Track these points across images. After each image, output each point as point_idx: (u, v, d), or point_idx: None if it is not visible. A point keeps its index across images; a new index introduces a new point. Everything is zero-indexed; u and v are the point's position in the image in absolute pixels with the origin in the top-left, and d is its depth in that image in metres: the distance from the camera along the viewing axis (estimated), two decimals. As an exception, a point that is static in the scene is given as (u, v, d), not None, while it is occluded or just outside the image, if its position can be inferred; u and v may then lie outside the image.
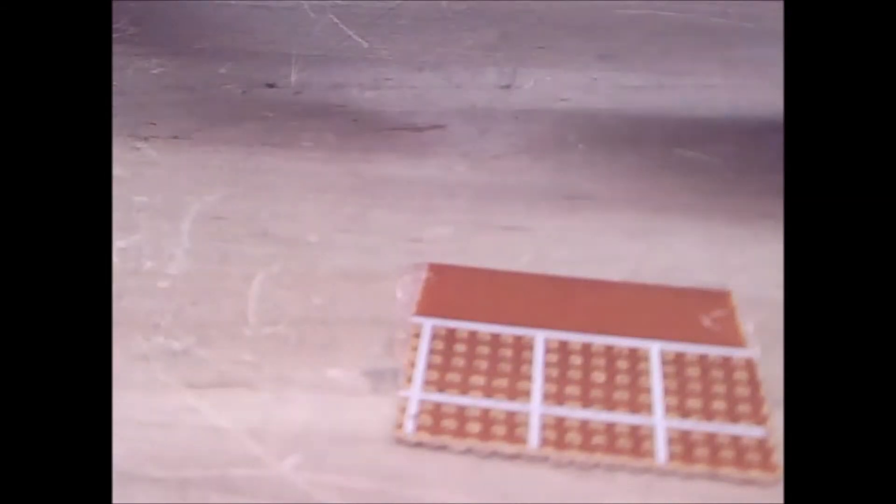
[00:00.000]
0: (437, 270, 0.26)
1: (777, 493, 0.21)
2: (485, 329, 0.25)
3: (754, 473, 0.21)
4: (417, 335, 0.24)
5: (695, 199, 0.28)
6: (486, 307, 0.25)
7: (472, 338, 0.24)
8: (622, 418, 0.22)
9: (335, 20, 0.33)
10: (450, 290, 0.26)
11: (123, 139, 0.28)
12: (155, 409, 0.23)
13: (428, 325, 0.25)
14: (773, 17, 0.33)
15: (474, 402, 0.23)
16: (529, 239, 0.27)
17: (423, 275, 0.26)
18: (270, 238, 0.27)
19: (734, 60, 0.31)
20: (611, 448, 0.22)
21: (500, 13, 0.34)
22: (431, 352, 0.24)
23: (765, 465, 0.22)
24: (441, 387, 0.23)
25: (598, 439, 0.22)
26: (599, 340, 0.24)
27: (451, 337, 0.24)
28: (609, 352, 0.24)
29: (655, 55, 0.32)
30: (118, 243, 0.27)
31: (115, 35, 0.34)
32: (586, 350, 0.24)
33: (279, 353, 0.24)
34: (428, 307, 0.25)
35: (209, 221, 0.27)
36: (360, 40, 0.27)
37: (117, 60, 0.33)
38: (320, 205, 0.28)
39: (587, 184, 0.29)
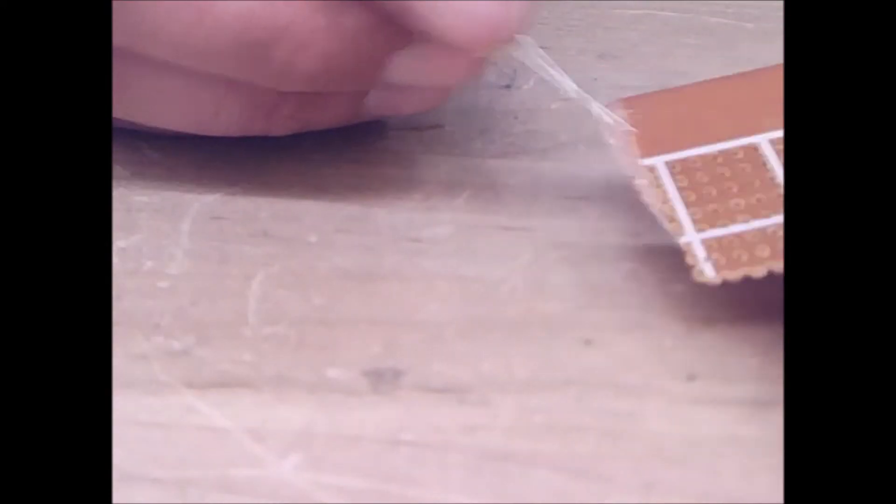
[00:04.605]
0: (632, 104, 0.25)
1: (777, 494, 0.21)
2: (712, 149, 0.24)
3: None
4: (656, 177, 0.24)
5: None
6: (699, 127, 0.24)
7: (706, 162, 0.23)
8: None
9: (335, 20, 0.33)
10: (657, 120, 0.25)
11: (123, 139, 0.28)
12: (155, 409, 0.23)
13: (660, 163, 0.24)
14: (773, 16, 0.33)
15: (748, 226, 0.22)
16: (529, 239, 0.27)
17: (623, 112, 0.25)
18: (270, 238, 0.27)
19: (734, 60, 0.31)
20: None
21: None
22: (680, 190, 0.23)
23: None
24: (711, 222, 0.23)
25: None
26: None
27: (687, 168, 0.23)
28: None
29: (655, 55, 0.32)
30: (118, 243, 0.27)
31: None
32: None
33: (279, 353, 0.24)
34: (649, 146, 0.24)
35: (209, 221, 0.27)
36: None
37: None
38: (320, 205, 0.28)
39: (587, 184, 0.29)
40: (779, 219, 0.22)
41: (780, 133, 0.24)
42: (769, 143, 0.24)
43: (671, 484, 0.22)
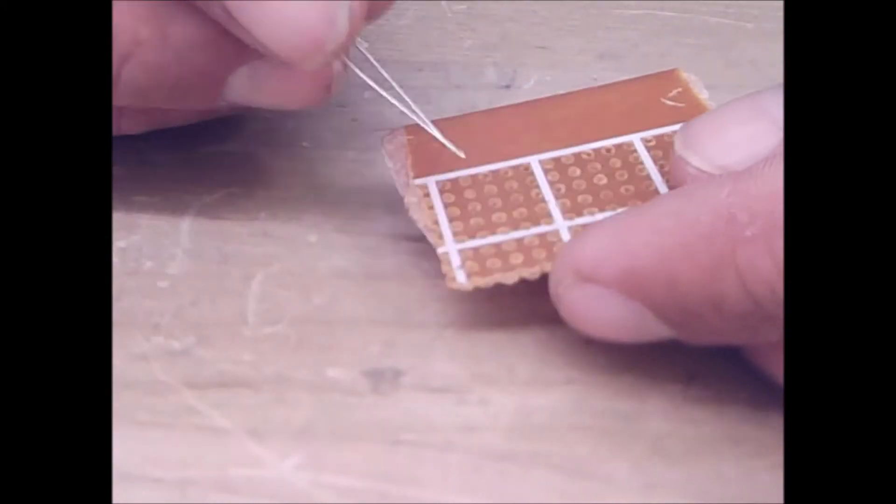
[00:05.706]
0: (415, 131, 0.27)
1: (777, 494, 0.21)
2: (483, 170, 0.26)
3: None
4: (427, 195, 0.26)
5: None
6: (474, 150, 0.26)
7: (476, 181, 0.26)
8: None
9: (335, 20, 0.33)
10: (435, 145, 0.26)
11: (123, 139, 0.28)
12: (155, 409, 0.23)
13: (432, 182, 0.26)
14: (773, 16, 0.33)
15: (506, 236, 0.24)
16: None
17: (403, 138, 0.27)
18: (270, 238, 0.27)
19: (734, 60, 0.31)
20: None
21: (500, 13, 0.34)
22: (446, 206, 0.25)
23: None
24: (471, 233, 0.25)
25: None
26: (586, 148, 0.26)
27: (456, 187, 0.26)
28: (599, 154, 0.26)
29: (655, 55, 0.32)
30: (118, 243, 0.27)
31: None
32: (579, 159, 0.26)
33: (279, 353, 0.24)
34: (423, 167, 0.26)
35: (209, 221, 0.27)
36: (359, 40, 0.27)
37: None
38: (320, 205, 0.28)
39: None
40: (538, 230, 0.25)
41: (548, 154, 0.26)
42: (539, 163, 0.26)
43: (671, 484, 0.22)
